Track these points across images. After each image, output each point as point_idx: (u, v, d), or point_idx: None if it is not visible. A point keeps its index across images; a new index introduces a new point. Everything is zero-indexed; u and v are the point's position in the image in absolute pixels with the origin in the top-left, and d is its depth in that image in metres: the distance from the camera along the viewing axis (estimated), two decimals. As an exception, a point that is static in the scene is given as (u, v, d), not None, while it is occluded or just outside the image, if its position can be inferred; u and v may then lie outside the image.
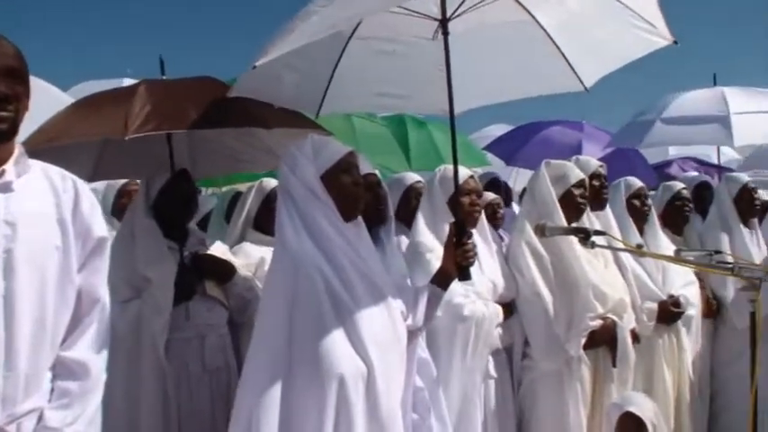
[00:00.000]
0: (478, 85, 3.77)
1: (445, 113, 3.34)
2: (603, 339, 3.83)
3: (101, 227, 2.25)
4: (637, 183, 4.75)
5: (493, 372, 3.71)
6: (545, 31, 3.60)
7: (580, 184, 3.98)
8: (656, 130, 6.21)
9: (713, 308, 4.82)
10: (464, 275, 3.11)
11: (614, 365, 3.84)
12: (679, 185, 5.16)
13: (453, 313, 3.53)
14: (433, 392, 3.17)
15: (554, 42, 3.62)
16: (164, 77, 3.92)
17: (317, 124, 3.70)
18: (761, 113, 6.07)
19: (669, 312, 4.38)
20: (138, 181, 4.01)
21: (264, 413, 2.56)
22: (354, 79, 3.71)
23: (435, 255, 3.44)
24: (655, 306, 4.34)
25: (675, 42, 3.55)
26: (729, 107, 6.05)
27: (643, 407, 3.66)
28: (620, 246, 3.45)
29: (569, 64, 3.66)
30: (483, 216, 3.93)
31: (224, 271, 3.65)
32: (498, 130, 10.37)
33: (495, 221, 5.50)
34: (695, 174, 7.00)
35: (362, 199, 2.91)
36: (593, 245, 3.01)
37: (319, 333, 2.63)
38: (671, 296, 4.42)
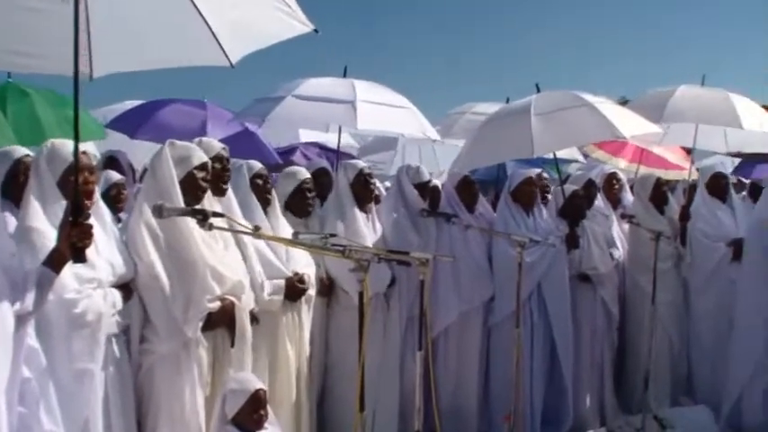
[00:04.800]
0: (120, 51, 3.80)
1: (81, 74, 3.33)
2: (222, 321, 4.02)
3: None
4: (257, 165, 5.08)
5: (117, 353, 3.73)
6: (192, 2, 3.69)
7: (203, 166, 4.12)
8: (287, 104, 6.52)
9: (327, 286, 5.32)
10: (79, 257, 3.16)
11: (232, 346, 4.06)
12: (304, 175, 5.57)
13: (66, 309, 3.47)
14: (43, 383, 3.17)
15: (201, 15, 3.73)
16: None
17: None
18: (382, 105, 6.72)
19: (295, 289, 4.80)
20: None
21: None
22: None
23: (46, 237, 3.39)
24: (282, 282, 4.73)
25: (316, 31, 3.87)
26: (357, 94, 6.59)
27: (257, 382, 3.99)
28: (239, 228, 3.67)
29: (216, 38, 3.79)
30: (98, 195, 3.89)
31: None
32: (133, 105, 10.16)
33: (119, 203, 5.54)
34: (317, 160, 7.55)
35: None
36: (211, 226, 3.22)
37: None
38: (296, 273, 4.83)
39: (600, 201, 7.21)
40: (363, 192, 5.73)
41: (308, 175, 5.60)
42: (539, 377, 6.29)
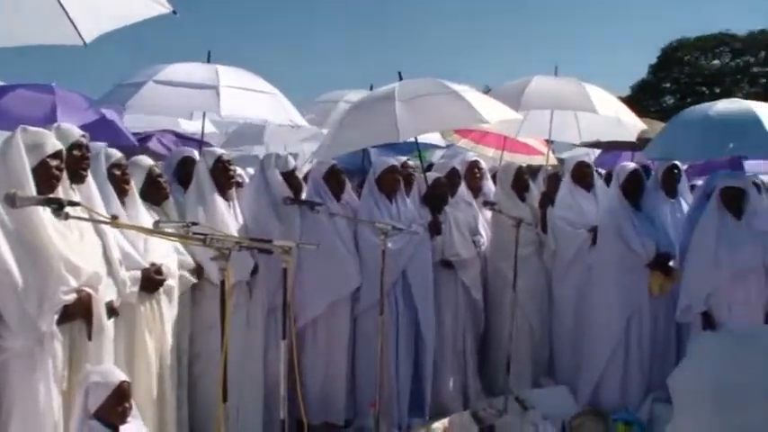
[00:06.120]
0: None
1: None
2: (78, 313, 3.93)
3: None
4: (116, 153, 5.00)
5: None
6: None
7: (57, 154, 4.00)
8: (148, 89, 6.37)
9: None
10: None
11: (90, 339, 3.98)
12: (148, 162, 5.51)
13: None
14: None
15: None
16: None
17: None
18: (247, 90, 6.70)
19: (152, 280, 4.78)
20: None
21: None
22: None
23: None
24: (138, 274, 4.69)
25: (174, 12, 3.84)
26: (220, 79, 6.53)
27: (121, 374, 3.94)
28: (97, 217, 3.61)
29: (68, 15, 3.73)
30: None
31: None
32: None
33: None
34: (181, 148, 7.45)
35: None
36: (67, 216, 3.16)
37: None
38: (153, 264, 4.80)
39: (463, 188, 7.42)
40: (223, 178, 5.70)
41: (152, 162, 5.55)
42: (405, 363, 6.44)
